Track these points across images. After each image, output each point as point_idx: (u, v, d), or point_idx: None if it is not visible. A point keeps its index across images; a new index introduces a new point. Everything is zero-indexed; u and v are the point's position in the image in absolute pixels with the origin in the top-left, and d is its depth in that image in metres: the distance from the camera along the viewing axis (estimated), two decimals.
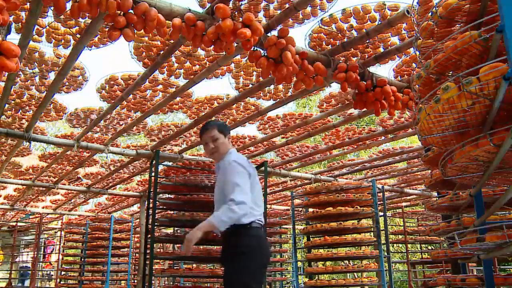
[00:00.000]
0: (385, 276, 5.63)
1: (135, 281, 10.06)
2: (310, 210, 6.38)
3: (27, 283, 11.80)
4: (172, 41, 3.50)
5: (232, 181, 2.52)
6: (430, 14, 1.97)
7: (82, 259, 9.22)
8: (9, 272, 10.43)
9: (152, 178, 4.61)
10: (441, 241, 8.53)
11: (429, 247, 11.31)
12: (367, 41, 3.64)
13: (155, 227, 4.40)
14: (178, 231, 7.08)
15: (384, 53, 3.77)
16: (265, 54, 3.12)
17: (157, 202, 4.51)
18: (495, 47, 1.54)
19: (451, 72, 1.86)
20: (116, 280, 9.89)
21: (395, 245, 11.46)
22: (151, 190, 4.55)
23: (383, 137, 6.19)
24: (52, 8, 3.15)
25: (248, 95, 4.76)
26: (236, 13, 2.97)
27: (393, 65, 4.15)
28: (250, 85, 4.57)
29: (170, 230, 8.24)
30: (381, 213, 6.19)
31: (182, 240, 5.66)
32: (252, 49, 3.11)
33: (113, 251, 8.65)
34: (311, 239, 6.41)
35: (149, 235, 4.30)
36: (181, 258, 5.24)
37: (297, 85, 3.45)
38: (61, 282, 9.69)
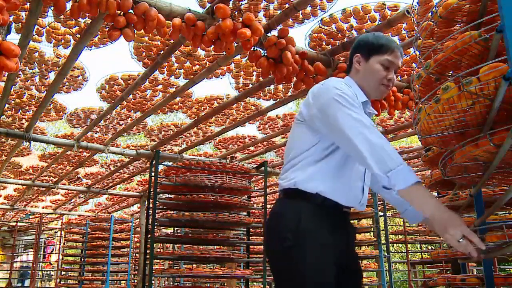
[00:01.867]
0: (385, 276, 5.62)
1: (135, 281, 10.06)
2: None
3: (27, 283, 11.79)
4: (172, 41, 3.50)
5: None
6: (430, 14, 1.97)
7: (82, 259, 9.21)
8: (9, 272, 10.43)
9: (152, 178, 4.61)
10: (441, 241, 8.51)
11: (429, 247, 11.30)
12: None
13: (155, 227, 4.40)
14: (178, 231, 7.08)
15: None
16: (265, 54, 3.12)
17: (157, 202, 4.51)
18: (495, 47, 1.54)
19: (451, 72, 1.86)
20: (116, 280, 9.89)
21: (395, 245, 11.45)
22: (151, 190, 4.55)
23: None
24: (52, 8, 3.15)
25: (248, 95, 4.76)
26: (236, 13, 2.97)
27: None
28: (250, 85, 4.57)
29: (170, 230, 8.25)
30: (381, 213, 6.17)
31: (181, 241, 5.67)
32: (252, 49, 3.12)
33: (113, 251, 8.64)
34: None
35: (149, 235, 4.30)
36: (181, 258, 5.24)
37: (297, 85, 3.45)
38: (61, 282, 9.70)
